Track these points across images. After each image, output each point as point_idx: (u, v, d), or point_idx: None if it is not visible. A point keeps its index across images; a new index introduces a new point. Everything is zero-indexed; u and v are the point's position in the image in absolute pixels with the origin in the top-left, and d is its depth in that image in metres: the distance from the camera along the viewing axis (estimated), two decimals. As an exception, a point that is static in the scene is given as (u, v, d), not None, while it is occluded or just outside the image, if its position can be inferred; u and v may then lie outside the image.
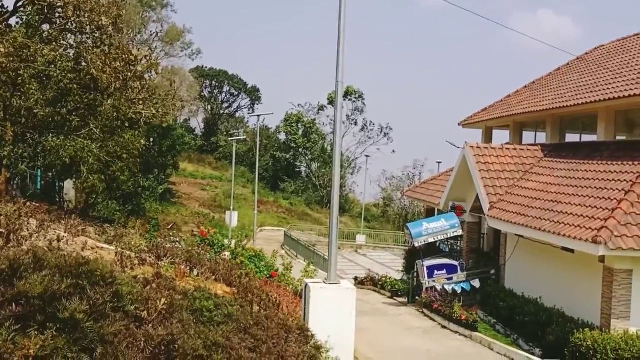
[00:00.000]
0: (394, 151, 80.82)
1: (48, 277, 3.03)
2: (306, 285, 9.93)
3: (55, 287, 2.99)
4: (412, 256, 23.42)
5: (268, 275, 19.36)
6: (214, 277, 12.00)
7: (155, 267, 10.99)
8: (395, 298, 22.86)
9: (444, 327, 17.85)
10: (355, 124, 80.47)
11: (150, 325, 3.56)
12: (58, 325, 2.92)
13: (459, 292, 19.74)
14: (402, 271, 27.29)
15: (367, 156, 62.80)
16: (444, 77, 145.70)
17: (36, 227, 9.87)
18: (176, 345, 3.43)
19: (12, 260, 3.10)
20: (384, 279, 24.78)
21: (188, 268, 12.06)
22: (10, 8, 19.26)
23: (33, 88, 16.50)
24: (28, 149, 17.36)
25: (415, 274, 21.63)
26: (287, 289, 17.19)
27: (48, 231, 10.52)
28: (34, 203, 17.63)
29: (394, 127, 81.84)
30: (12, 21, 19.64)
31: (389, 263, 37.67)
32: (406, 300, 22.03)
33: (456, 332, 17.14)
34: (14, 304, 2.88)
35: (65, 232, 11.67)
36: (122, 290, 3.45)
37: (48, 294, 2.96)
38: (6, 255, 3.15)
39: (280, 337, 5.49)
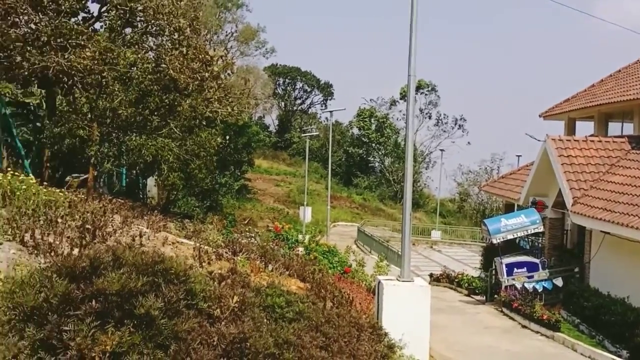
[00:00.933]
0: (469, 143, 79.13)
1: (125, 275, 3.13)
2: (379, 282, 9.84)
3: (131, 285, 3.09)
4: (490, 253, 22.78)
5: (341, 271, 19.39)
6: (287, 273, 12.15)
7: (231, 262, 11.26)
8: (472, 296, 22.34)
9: (524, 326, 17.26)
10: (429, 117, 79.28)
11: (223, 322, 3.62)
12: (134, 322, 3.02)
13: (540, 290, 19.02)
14: (480, 268, 26.60)
15: (441, 150, 61.66)
16: (524, 67, 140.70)
17: (120, 223, 10.32)
18: (248, 344, 3.47)
19: (92, 259, 3.23)
20: (460, 276, 24.28)
21: (263, 263, 12.30)
22: (96, 14, 20.26)
23: (116, 89, 17.26)
24: (113, 148, 18.20)
25: (494, 272, 21.05)
26: (361, 285, 17.15)
27: (131, 227, 10.98)
28: (119, 200, 18.51)
29: (470, 120, 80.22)
30: (97, 26, 20.67)
31: (465, 260, 36.83)
32: (484, 298, 21.49)
33: (537, 332, 16.53)
34: (93, 301, 3.00)
35: (147, 228, 12.14)
36: (196, 288, 3.53)
37: (125, 291, 3.06)
38: (87, 253, 3.29)
39: (352, 336, 5.45)
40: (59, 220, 8.23)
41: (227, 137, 29.12)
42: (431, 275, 25.90)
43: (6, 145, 22.26)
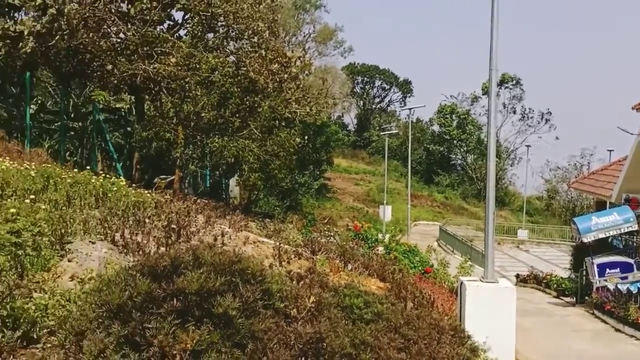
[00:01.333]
0: (557, 138, 75.75)
1: (204, 275, 3.21)
2: (461, 283, 9.58)
3: (210, 284, 3.16)
4: (580, 253, 21.70)
5: (422, 271, 19.07)
6: (367, 272, 12.09)
7: (310, 261, 11.35)
8: (561, 298, 21.39)
9: (617, 330, 16.31)
10: (514, 112, 76.73)
11: (300, 322, 3.63)
12: (213, 321, 3.08)
13: (634, 292, 17.89)
14: (569, 269, 25.39)
15: (527, 146, 59.38)
16: (615, 58, 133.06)
17: (203, 223, 10.65)
18: (324, 344, 3.46)
19: (173, 258, 3.34)
20: (548, 277, 23.32)
21: (342, 262, 12.31)
22: (180, 21, 21.07)
23: (199, 93, 17.86)
24: (197, 150, 18.82)
25: (584, 272, 20.04)
26: (443, 285, 16.80)
27: (214, 226, 11.30)
28: (203, 200, 19.13)
29: (558, 113, 76.99)
30: (181, 33, 21.50)
31: (554, 260, 35.31)
32: (574, 300, 20.52)
33: (632, 336, 15.57)
34: (174, 300, 3.09)
35: (229, 227, 12.45)
36: (272, 288, 3.56)
37: (204, 291, 3.14)
38: (168, 253, 3.40)
39: (432, 338, 5.33)
40: (147, 220, 8.59)
41: (306, 137, 29.41)
42: (517, 276, 25.04)
43: (100, 149, 23.62)
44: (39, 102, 23.07)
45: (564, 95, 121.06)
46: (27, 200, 6.71)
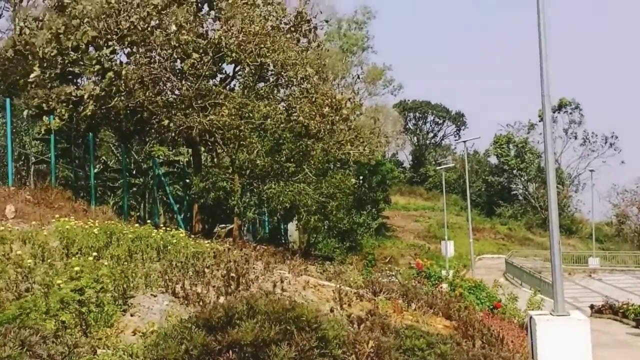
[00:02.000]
0: (623, 162, 72.74)
1: (258, 324, 3.17)
2: (530, 318, 9.16)
3: (264, 334, 3.12)
4: (659, 279, 20.49)
5: (491, 307, 18.41)
6: (432, 311, 11.76)
7: (372, 302, 11.14)
8: (641, 328, 20.12)
9: None
10: (575, 137, 74.49)
11: (359, 369, 3.52)
12: (270, 372, 3.03)
13: None
14: (648, 297, 24.01)
15: (591, 170, 57.34)
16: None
17: (262, 269, 10.69)
18: (386, 391, 3.33)
19: (227, 309, 3.32)
20: (625, 305, 22.02)
21: (405, 302, 12.03)
22: (231, 73, 21.76)
23: (253, 141, 18.23)
24: (253, 197, 19.08)
25: (665, 300, 18.87)
26: (512, 321, 16.12)
27: (273, 272, 11.32)
28: (262, 246, 19.28)
29: (622, 135, 73.92)
30: (233, 84, 22.17)
31: (630, 287, 33.44)
32: (656, 330, 19.26)
33: None
34: (230, 351, 3.06)
35: (288, 273, 12.44)
36: (329, 334, 3.47)
37: (259, 341, 3.09)
38: (221, 304, 3.39)
39: (502, 379, 5.08)
40: (206, 270, 8.69)
41: (361, 177, 29.40)
42: (592, 306, 23.80)
43: (162, 203, 24.33)
44: (103, 161, 24.08)
45: (628, 117, 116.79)
46: (90, 258, 6.92)
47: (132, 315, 6.17)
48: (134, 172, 23.90)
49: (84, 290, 5.47)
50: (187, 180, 23.58)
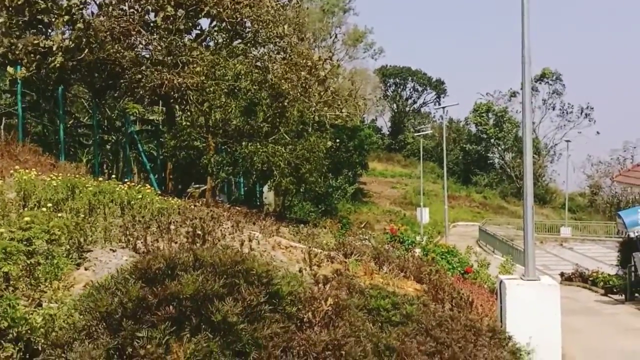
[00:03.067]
0: (598, 132, 73.70)
1: (202, 277, 2.91)
2: (501, 282, 9.06)
3: (208, 288, 2.86)
4: (628, 248, 20.71)
5: (462, 272, 18.50)
6: (403, 274, 11.67)
7: (343, 264, 10.98)
8: (609, 295, 20.44)
9: (672, 328, 15.40)
10: (553, 108, 74.92)
11: (316, 327, 3.29)
12: (212, 328, 2.78)
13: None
14: (617, 265, 24.36)
15: (567, 141, 57.80)
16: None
17: (231, 228, 10.41)
18: (343, 352, 3.11)
19: (169, 259, 3.05)
20: (594, 274, 22.39)
21: (377, 265, 11.91)
22: (206, 29, 21.07)
23: (226, 102, 17.72)
24: (226, 157, 18.69)
25: (633, 268, 19.10)
26: (483, 286, 16.22)
27: (243, 232, 11.06)
28: (235, 207, 18.98)
29: (598, 107, 74.64)
30: (210, 43, 21.48)
31: (600, 257, 33.98)
32: (623, 297, 19.57)
33: (688, 334, 14.66)
34: (170, 306, 2.80)
35: (259, 233, 12.21)
36: (282, 290, 3.23)
37: (200, 295, 2.84)
38: (162, 254, 3.12)
39: (468, 340, 4.92)
40: (171, 227, 8.39)
41: (338, 140, 29.04)
42: (562, 274, 24.15)
43: (136, 162, 23.80)
44: (75, 117, 23.38)
45: (603, 89, 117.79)
46: (44, 209, 6.56)
47: (86, 269, 5.88)
48: (107, 129, 23.26)
49: (31, 241, 5.14)
50: (162, 140, 23.05)
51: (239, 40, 20.83)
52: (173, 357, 2.57)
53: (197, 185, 20.00)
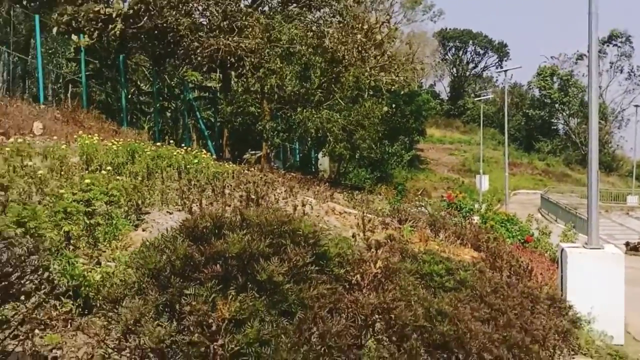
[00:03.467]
0: (669, 97, 69.59)
1: (248, 237, 2.89)
2: (562, 250, 8.77)
3: (253, 247, 2.84)
4: (701, 218, 19.70)
5: (522, 241, 18.05)
6: (459, 242, 11.48)
7: (398, 231, 10.89)
8: (679, 267, 19.56)
9: None
10: (621, 71, 71.15)
11: (365, 290, 3.25)
12: (259, 287, 2.78)
13: None
14: (687, 236, 23.29)
15: (636, 106, 54.87)
16: None
17: (285, 193, 10.47)
18: (392, 315, 3.05)
19: (215, 218, 3.05)
20: (662, 244, 21.44)
21: (433, 232, 11.75)
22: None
23: (280, 66, 17.66)
24: (281, 124, 18.73)
25: None
26: (543, 255, 15.77)
27: (297, 197, 11.11)
28: (291, 173, 19.09)
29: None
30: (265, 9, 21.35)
31: (668, 226, 32.57)
32: (693, 269, 18.69)
33: None
34: (217, 264, 2.80)
35: (313, 198, 12.23)
36: (330, 252, 3.19)
37: (246, 254, 2.82)
38: (209, 213, 3.12)
39: (525, 307, 4.77)
40: (226, 191, 8.50)
41: (394, 106, 28.57)
42: (627, 244, 23.24)
43: (195, 129, 24.23)
44: (136, 84, 23.92)
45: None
46: (104, 172, 6.75)
47: (143, 230, 6.03)
48: (167, 96, 23.71)
49: (91, 202, 5.29)
50: (219, 107, 23.33)
51: (294, 4, 20.62)
52: (218, 315, 2.58)
53: (253, 152, 20.20)
